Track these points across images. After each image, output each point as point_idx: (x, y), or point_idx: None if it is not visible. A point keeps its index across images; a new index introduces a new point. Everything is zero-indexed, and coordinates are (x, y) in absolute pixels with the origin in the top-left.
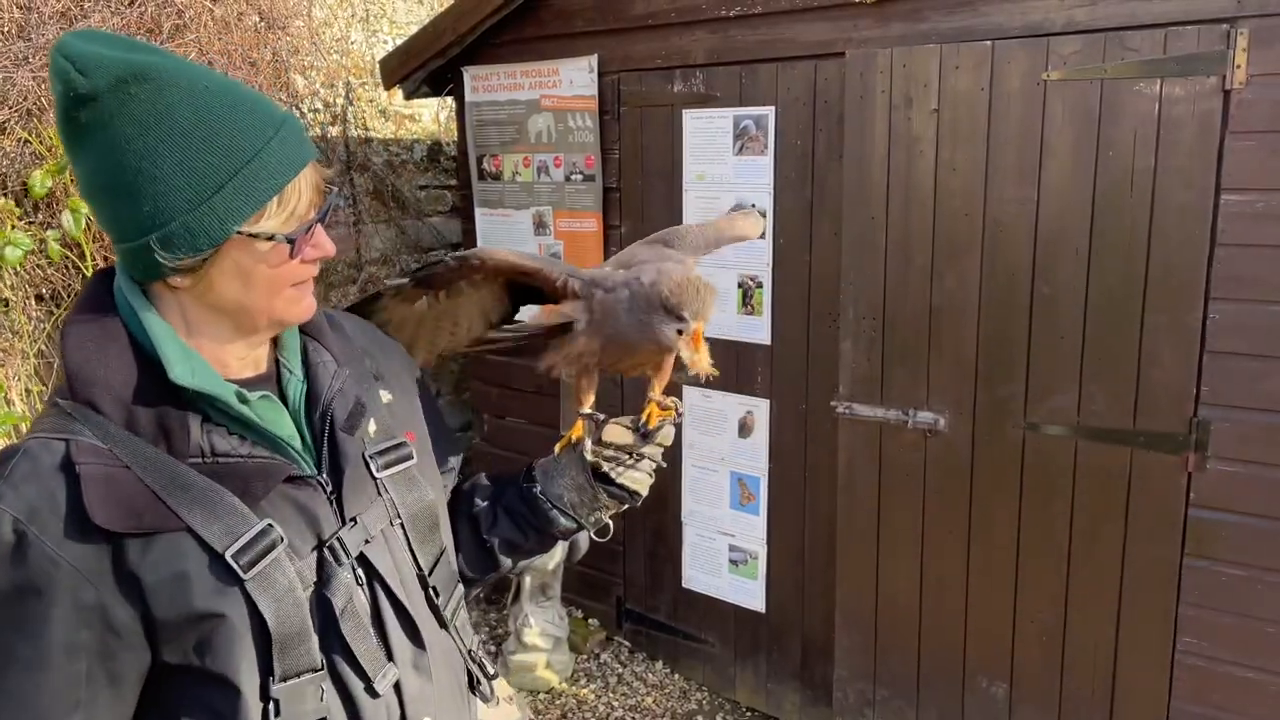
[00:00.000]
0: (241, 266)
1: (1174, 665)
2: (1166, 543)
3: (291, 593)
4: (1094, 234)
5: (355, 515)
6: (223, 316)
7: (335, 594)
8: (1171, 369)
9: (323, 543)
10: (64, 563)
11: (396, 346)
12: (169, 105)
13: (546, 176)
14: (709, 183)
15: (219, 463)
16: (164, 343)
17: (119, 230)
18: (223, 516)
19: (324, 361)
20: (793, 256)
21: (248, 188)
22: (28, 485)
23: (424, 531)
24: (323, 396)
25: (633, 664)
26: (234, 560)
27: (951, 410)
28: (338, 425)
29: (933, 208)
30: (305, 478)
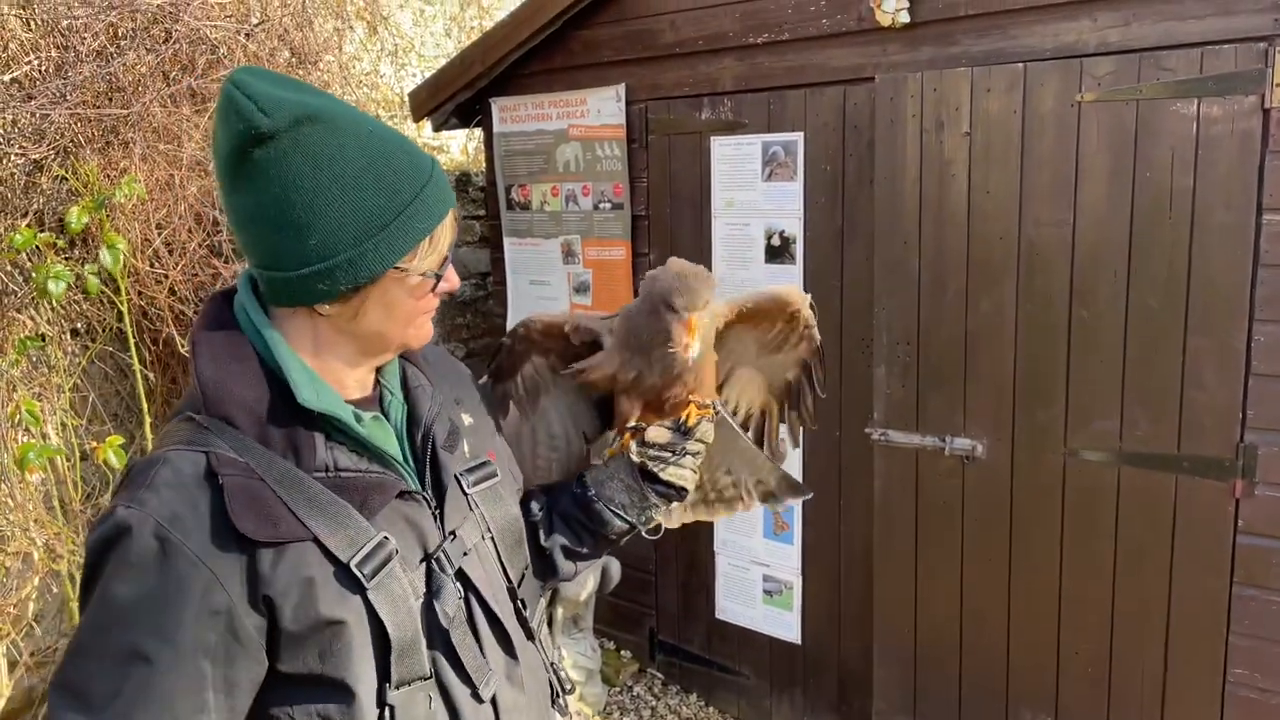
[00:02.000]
0: (390, 298)
1: (1224, 697)
2: (1215, 571)
3: (406, 601)
4: (1133, 256)
5: (454, 529)
6: (355, 341)
7: (445, 603)
8: (1216, 393)
9: (429, 555)
10: (205, 569)
11: (466, 372)
12: (340, 146)
13: (575, 205)
14: (738, 209)
15: (341, 477)
16: (292, 367)
17: (277, 260)
18: (345, 528)
19: (422, 385)
20: (823, 282)
21: (407, 228)
22: (170, 492)
23: (511, 545)
24: (424, 418)
25: (666, 696)
26: (358, 569)
27: (990, 436)
28: (439, 445)
29: (966, 231)
30: (414, 493)
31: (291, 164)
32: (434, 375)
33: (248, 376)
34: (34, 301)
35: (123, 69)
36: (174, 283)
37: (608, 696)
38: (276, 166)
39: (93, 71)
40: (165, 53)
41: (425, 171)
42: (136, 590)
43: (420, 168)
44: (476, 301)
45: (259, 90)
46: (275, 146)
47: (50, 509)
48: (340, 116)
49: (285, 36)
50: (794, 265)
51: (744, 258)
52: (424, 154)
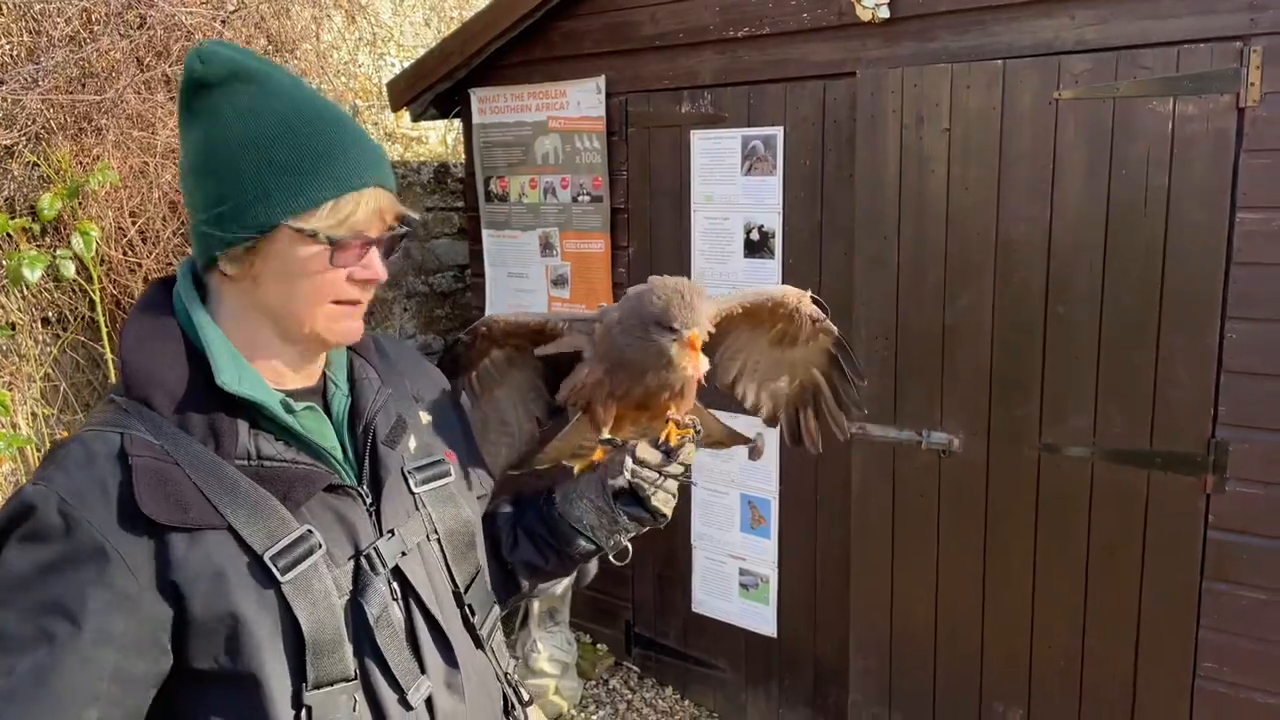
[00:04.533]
0: (286, 264)
1: (1194, 691)
2: (1185, 566)
3: (327, 599)
4: (1108, 253)
5: (393, 528)
6: (267, 319)
7: (370, 602)
8: (1189, 389)
9: (360, 552)
10: (110, 549)
11: (436, 372)
12: (268, 104)
13: (553, 198)
14: (717, 203)
15: (264, 466)
16: (215, 348)
17: (193, 206)
18: (264, 519)
19: (369, 378)
20: (803, 277)
21: (305, 184)
22: (79, 471)
23: (460, 549)
24: (366, 411)
25: (642, 690)
26: (272, 562)
27: (966, 431)
28: (379, 439)
29: (945, 227)
30: (345, 487)
31: (220, 114)
32: (389, 369)
33: (170, 358)
34: (4, 289)
35: (96, 55)
36: (148, 271)
37: (583, 690)
38: (208, 115)
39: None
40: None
41: (347, 142)
42: (38, 565)
43: (344, 137)
44: (455, 294)
45: (211, 49)
46: (209, 97)
47: None
48: (278, 81)
49: (262, 24)
50: (773, 260)
51: (723, 252)
52: (360, 134)
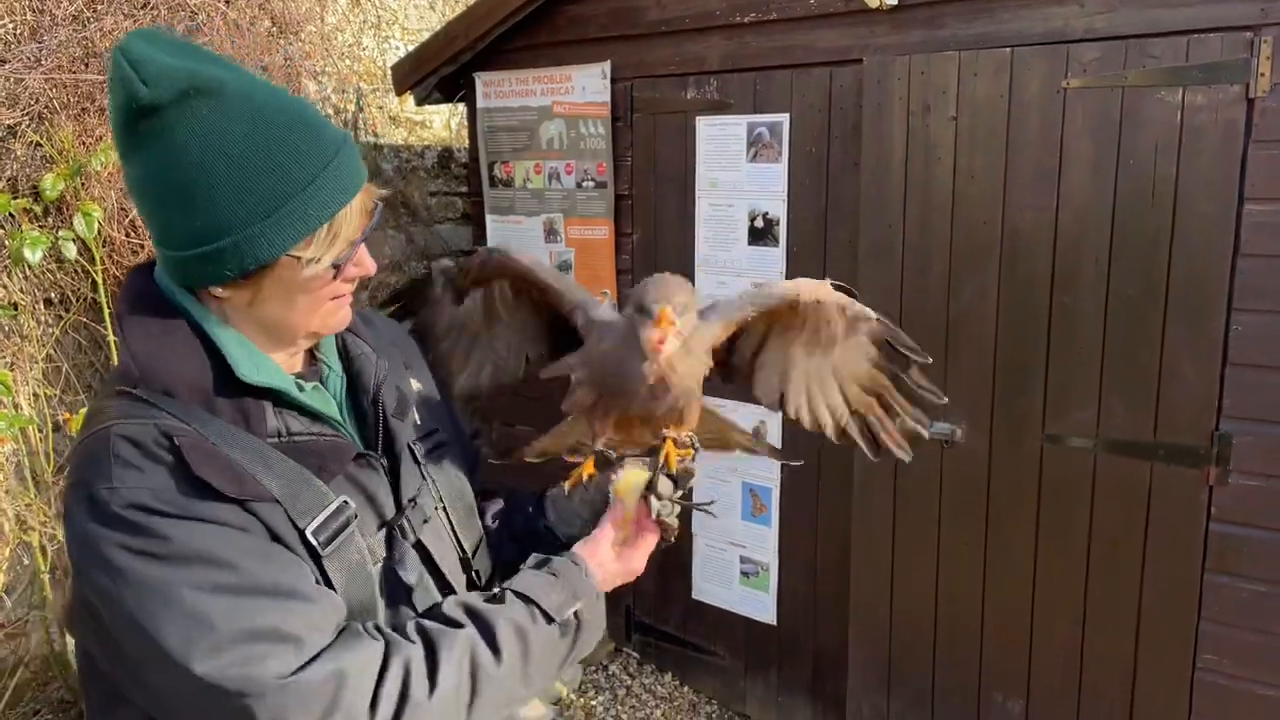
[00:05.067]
0: (286, 287)
1: (1194, 683)
2: (1187, 558)
3: (363, 567)
4: (1114, 243)
5: (413, 497)
6: (261, 328)
7: (408, 569)
8: (1193, 381)
9: (387, 522)
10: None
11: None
12: (230, 122)
13: (558, 184)
14: (722, 190)
15: (295, 441)
16: (228, 343)
17: (167, 238)
18: (303, 492)
19: (365, 353)
20: (806, 265)
21: (300, 214)
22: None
23: (464, 517)
24: (371, 385)
25: (641, 675)
26: (314, 536)
27: (969, 421)
28: (389, 412)
29: (950, 216)
30: (369, 457)
31: (176, 139)
32: (379, 342)
33: (183, 349)
34: (6, 269)
35: (99, 34)
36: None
37: (583, 675)
38: (161, 141)
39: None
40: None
41: (327, 153)
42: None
43: (322, 149)
44: None
45: (146, 58)
46: (160, 120)
47: (22, 480)
48: (234, 89)
49: (266, 5)
50: (777, 248)
51: (727, 239)
52: (332, 132)
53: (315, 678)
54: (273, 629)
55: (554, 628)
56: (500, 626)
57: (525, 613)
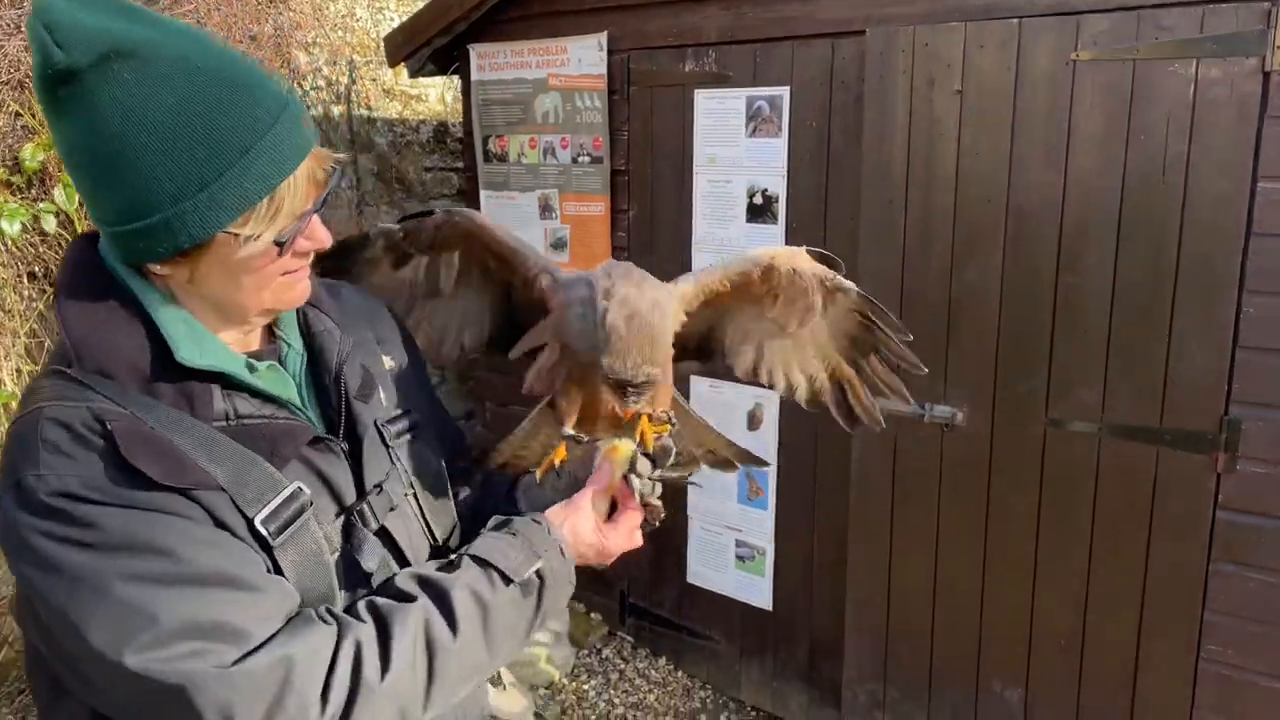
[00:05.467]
0: (226, 265)
1: (1198, 675)
2: (1193, 546)
3: (319, 556)
4: (1123, 222)
5: (378, 483)
6: (209, 305)
7: (369, 558)
8: (1202, 365)
9: (347, 509)
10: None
11: (394, 319)
12: (156, 88)
13: (553, 158)
14: (720, 166)
15: (245, 425)
16: (170, 324)
17: (97, 212)
18: (252, 479)
19: (327, 329)
20: (805, 242)
21: (235, 187)
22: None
23: (436, 503)
24: (333, 364)
25: (635, 660)
26: (264, 527)
27: (970, 404)
28: (351, 393)
29: (954, 193)
30: (326, 441)
31: (99, 107)
32: (345, 317)
33: (123, 327)
34: None
35: None
36: None
37: (576, 659)
38: (81, 109)
39: None
40: None
41: (265, 120)
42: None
43: (259, 115)
44: None
45: (63, 20)
46: (79, 86)
47: None
48: (162, 51)
49: None
50: (776, 225)
51: (725, 216)
52: (272, 96)
53: (260, 666)
54: (214, 621)
55: (514, 589)
56: (456, 594)
57: (483, 577)
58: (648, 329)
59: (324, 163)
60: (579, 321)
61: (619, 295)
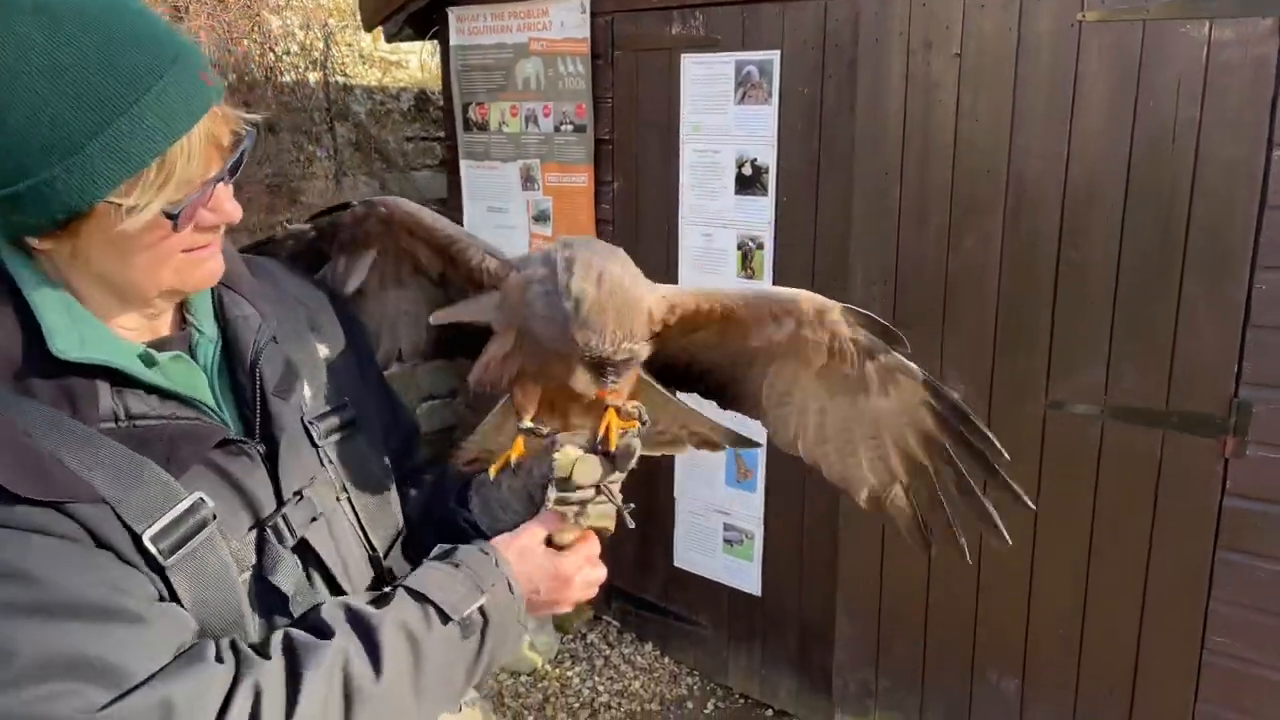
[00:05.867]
0: (114, 240)
1: (1202, 666)
2: (1198, 534)
3: (225, 576)
4: (1129, 193)
5: (300, 489)
6: (103, 286)
7: (283, 579)
8: (1211, 344)
9: (262, 521)
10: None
11: (333, 301)
12: (22, 39)
13: (535, 127)
14: (708, 134)
15: (137, 426)
16: (46, 310)
17: None
18: (142, 489)
19: (244, 316)
20: (796, 215)
21: (114, 150)
22: None
23: (375, 508)
24: (247, 355)
25: (620, 645)
26: (153, 544)
27: (966, 385)
28: (268, 389)
29: (952, 162)
30: (238, 443)
31: None
32: (274, 298)
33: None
34: None
35: None
36: None
37: (559, 644)
38: None
39: None
40: None
41: (152, 74)
42: None
43: (147, 64)
44: None
45: None
46: None
47: None
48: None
49: None
50: (765, 197)
51: (713, 187)
52: (164, 41)
53: (134, 709)
54: (82, 657)
55: (452, 628)
56: (384, 631)
57: (417, 612)
58: (621, 293)
59: (231, 124)
60: (541, 300)
61: (582, 260)
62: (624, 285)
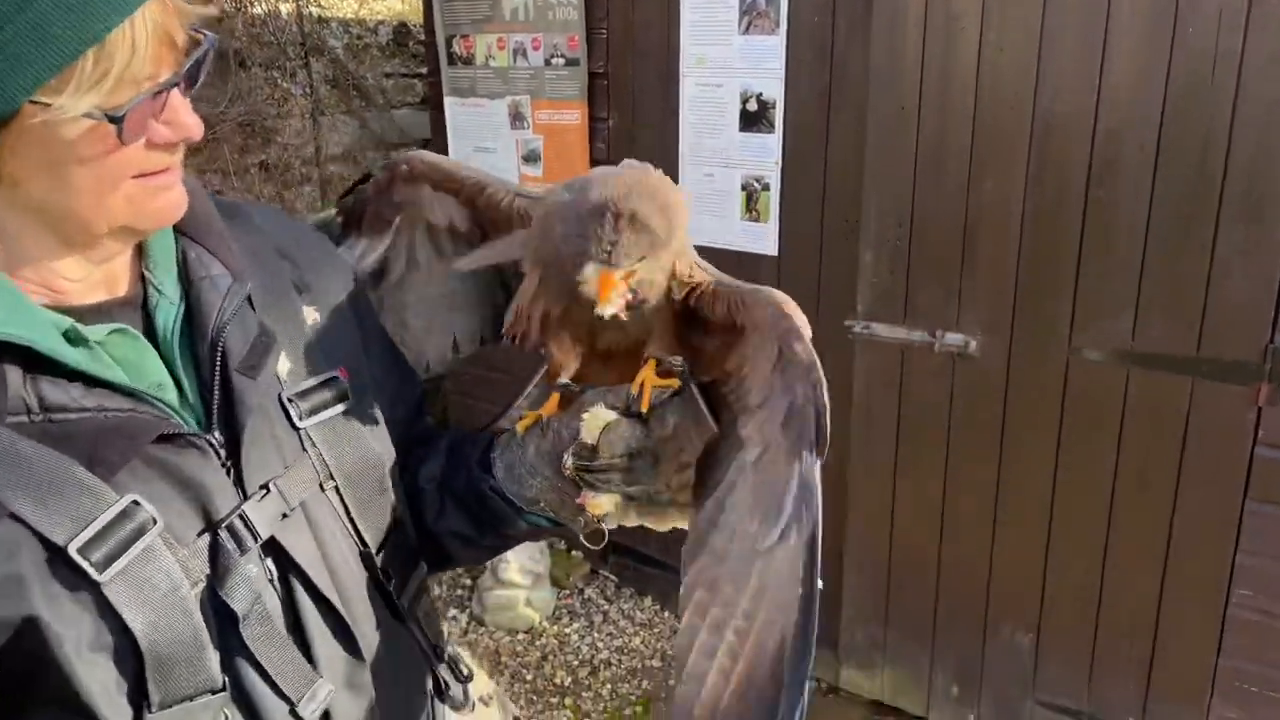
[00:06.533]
0: (48, 151)
1: (1225, 620)
2: (1227, 485)
3: (174, 594)
4: (1164, 129)
5: (269, 481)
6: (39, 223)
7: (233, 593)
8: (1246, 288)
9: (216, 523)
10: None
11: (330, 250)
12: None
13: (524, 61)
14: (710, 67)
15: (54, 421)
16: None
17: None
18: (62, 496)
19: (212, 276)
20: (806, 153)
21: (40, 33)
22: None
23: (368, 497)
24: (209, 325)
25: (619, 600)
26: (81, 556)
27: (985, 332)
28: (232, 364)
29: (974, 96)
30: (186, 435)
31: None
32: (253, 254)
33: None
34: None
35: None
36: None
37: (557, 600)
38: None
39: None
40: None
41: None
42: None
43: None
44: None
45: None
46: None
47: None
48: None
49: None
50: (772, 134)
51: (716, 124)
52: None
53: None
54: None
55: None
56: None
57: None
58: (653, 190)
59: (188, 18)
60: (566, 221)
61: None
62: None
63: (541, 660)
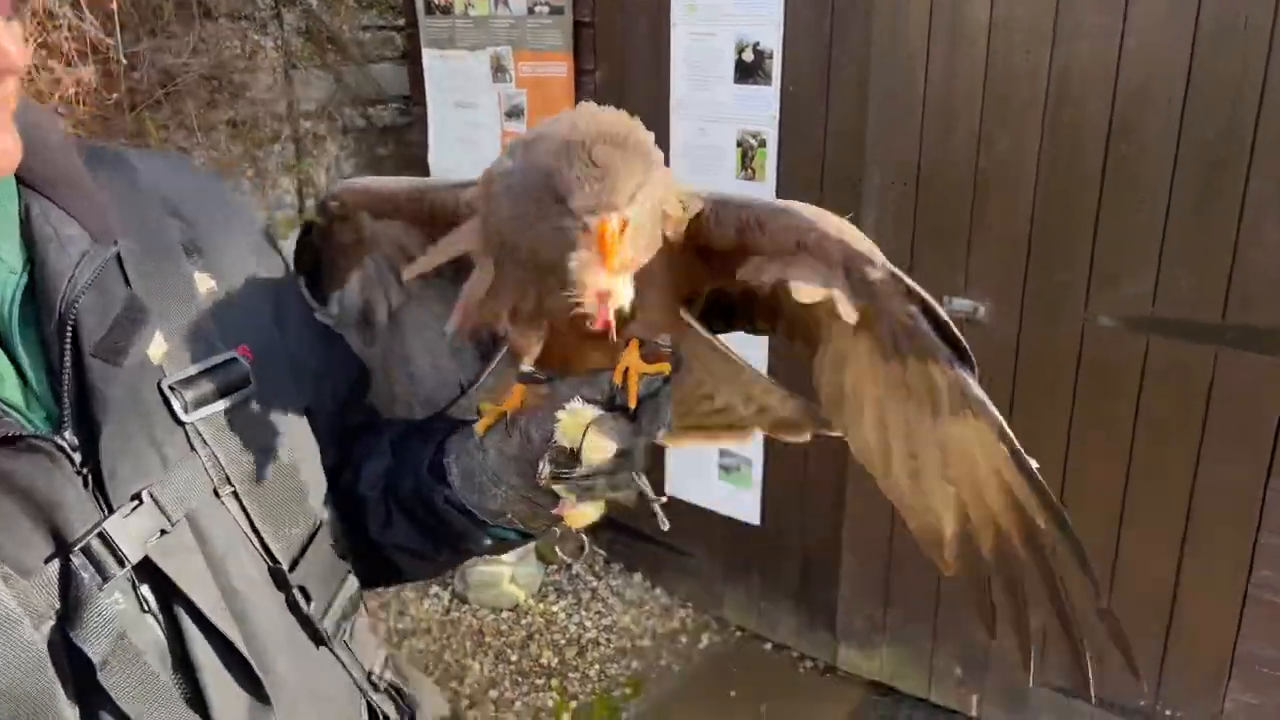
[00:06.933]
0: None
1: (1246, 601)
2: (1252, 459)
3: (10, 637)
4: (1191, 80)
5: (141, 491)
6: None
7: (86, 632)
8: (1277, 251)
9: (68, 545)
10: None
11: (234, 203)
12: None
13: (505, 9)
14: (703, 14)
15: None
16: None
17: None
18: None
19: (62, 237)
20: (805, 108)
21: None
22: None
23: (278, 503)
24: (56, 299)
25: (608, 576)
26: None
27: (995, 297)
28: (86, 346)
29: (985, 46)
30: (27, 438)
31: None
32: (127, 209)
33: None
34: None
35: None
36: None
37: (544, 576)
38: None
39: None
40: None
41: None
42: None
43: None
44: (401, 129)
45: None
46: None
47: None
48: None
49: None
50: (769, 87)
51: (709, 76)
52: None
53: None
54: None
55: None
56: None
57: None
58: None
59: None
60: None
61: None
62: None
63: (527, 640)
